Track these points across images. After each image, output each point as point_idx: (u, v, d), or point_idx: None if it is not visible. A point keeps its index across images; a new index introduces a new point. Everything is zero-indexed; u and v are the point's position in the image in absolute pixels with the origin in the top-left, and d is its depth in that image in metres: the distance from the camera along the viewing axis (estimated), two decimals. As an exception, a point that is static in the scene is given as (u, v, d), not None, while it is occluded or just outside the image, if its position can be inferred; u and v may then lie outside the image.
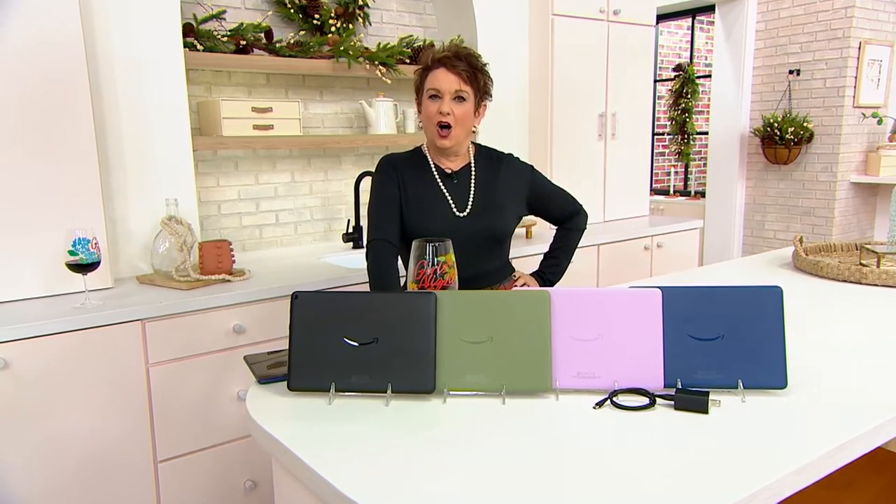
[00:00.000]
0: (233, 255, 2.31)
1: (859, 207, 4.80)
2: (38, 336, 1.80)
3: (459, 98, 1.74)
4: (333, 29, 2.84)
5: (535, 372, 1.19)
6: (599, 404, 1.15)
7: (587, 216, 2.08)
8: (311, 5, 2.80)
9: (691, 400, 1.11)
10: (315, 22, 2.82)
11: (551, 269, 2.02)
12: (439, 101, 1.74)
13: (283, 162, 2.90)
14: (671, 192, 6.55)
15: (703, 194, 5.88)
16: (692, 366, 1.19)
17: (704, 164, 6.64)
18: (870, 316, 1.71)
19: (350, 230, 2.93)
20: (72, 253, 1.90)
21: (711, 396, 1.12)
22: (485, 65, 1.80)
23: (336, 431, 1.09)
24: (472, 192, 1.83)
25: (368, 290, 1.79)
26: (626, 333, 1.20)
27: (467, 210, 1.81)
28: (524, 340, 1.20)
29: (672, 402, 1.13)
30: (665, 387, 1.19)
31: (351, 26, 2.93)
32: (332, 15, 2.87)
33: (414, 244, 1.39)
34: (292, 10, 2.78)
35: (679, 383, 1.18)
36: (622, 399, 1.16)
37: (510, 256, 2.00)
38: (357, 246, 2.91)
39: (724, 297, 1.20)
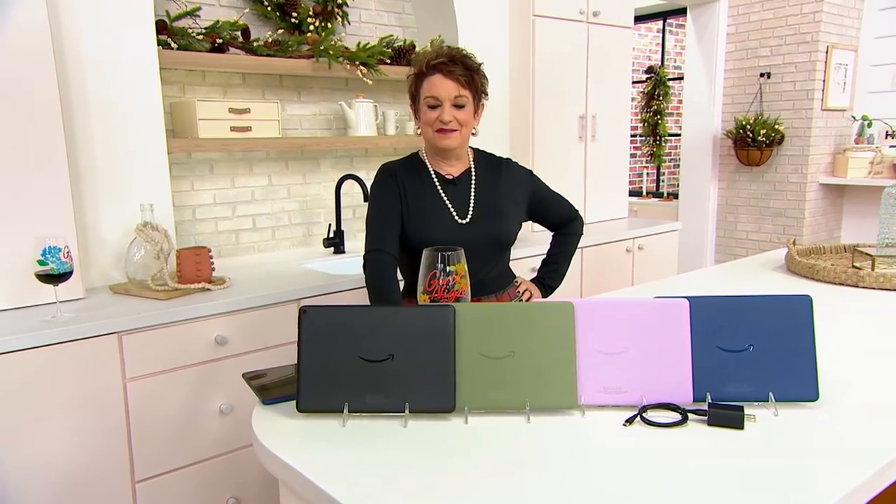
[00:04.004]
0: (212, 263, 2.21)
1: (827, 208, 4.88)
2: (6, 352, 1.67)
3: (459, 104, 1.69)
4: (312, 28, 2.75)
5: (559, 388, 1.13)
6: (629, 421, 1.09)
7: (583, 222, 2.06)
8: (289, 3, 2.70)
9: (726, 415, 1.07)
10: (293, 20, 2.72)
11: (551, 274, 1.98)
12: (439, 108, 1.68)
13: (261, 165, 2.79)
14: (644, 193, 6.58)
15: (675, 196, 5.92)
16: (722, 379, 1.14)
17: (675, 166, 6.69)
18: (877, 320, 1.70)
19: (331, 235, 2.84)
20: (41, 263, 1.78)
21: (745, 411, 1.08)
22: (480, 65, 1.75)
23: (353, 456, 1.02)
24: (472, 198, 1.77)
25: (365, 300, 1.71)
26: (653, 346, 1.15)
27: (469, 217, 1.75)
28: (547, 355, 1.13)
29: (705, 418, 1.09)
30: (694, 401, 1.14)
31: (330, 25, 2.84)
32: (311, 13, 2.77)
33: (424, 253, 1.31)
34: (269, 8, 2.68)
35: (709, 397, 1.13)
36: (652, 415, 1.11)
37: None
38: (338, 251, 2.82)
39: (752, 307, 1.16)
